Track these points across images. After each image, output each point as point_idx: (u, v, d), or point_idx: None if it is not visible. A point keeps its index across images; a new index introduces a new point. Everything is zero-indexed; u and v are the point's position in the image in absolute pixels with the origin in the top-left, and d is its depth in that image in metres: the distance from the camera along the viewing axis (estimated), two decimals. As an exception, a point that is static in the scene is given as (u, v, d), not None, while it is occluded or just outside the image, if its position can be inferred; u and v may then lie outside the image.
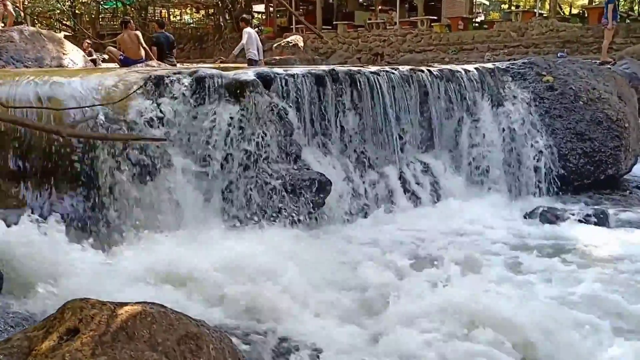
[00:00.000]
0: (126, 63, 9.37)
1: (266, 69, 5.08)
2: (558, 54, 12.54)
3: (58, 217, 3.65)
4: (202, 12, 30.37)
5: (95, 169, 3.88)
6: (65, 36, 13.79)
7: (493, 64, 6.58)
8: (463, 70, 6.08)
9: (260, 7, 27.59)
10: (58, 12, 26.88)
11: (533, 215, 5.03)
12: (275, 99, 4.71)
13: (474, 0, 22.97)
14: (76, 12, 27.62)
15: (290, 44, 16.37)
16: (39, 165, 3.79)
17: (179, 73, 4.64)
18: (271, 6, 24.94)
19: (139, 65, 8.88)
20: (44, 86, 4.01)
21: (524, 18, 17.38)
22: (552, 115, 5.91)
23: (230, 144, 4.40)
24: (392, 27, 19.92)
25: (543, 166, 5.70)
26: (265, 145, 4.49)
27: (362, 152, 5.25)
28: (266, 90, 4.70)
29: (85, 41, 14.93)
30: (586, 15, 17.06)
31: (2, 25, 10.33)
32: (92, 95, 4.05)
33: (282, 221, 4.28)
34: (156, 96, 4.36)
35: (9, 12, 11.56)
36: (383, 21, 20.55)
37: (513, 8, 23.65)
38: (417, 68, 5.84)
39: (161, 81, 4.44)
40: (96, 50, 15.24)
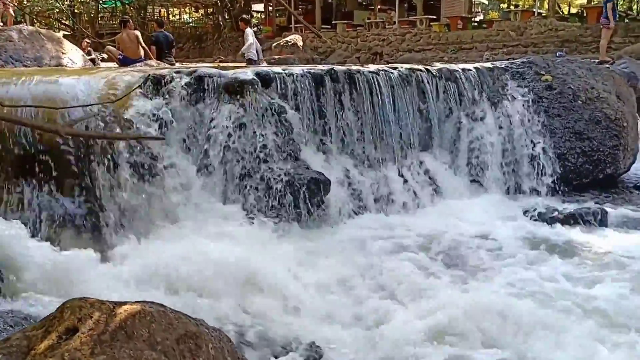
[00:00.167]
0: (125, 62, 9.37)
1: (265, 69, 5.08)
2: (557, 53, 12.55)
3: (56, 217, 3.65)
4: (201, 12, 30.37)
5: (92, 168, 3.88)
6: (64, 35, 13.76)
7: (492, 64, 6.59)
8: (462, 69, 6.08)
9: (259, 7, 27.59)
10: (57, 12, 26.84)
11: (532, 214, 5.03)
12: (274, 99, 4.71)
13: (473, -1, 22.99)
14: (75, 12, 27.59)
15: (289, 44, 16.37)
16: (37, 164, 3.78)
17: (178, 72, 4.64)
18: (270, 5, 24.94)
19: (138, 64, 8.88)
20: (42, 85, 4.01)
21: (523, 17, 17.39)
22: (551, 114, 5.92)
23: (229, 144, 4.40)
24: (391, 27, 19.92)
25: (542, 165, 5.71)
26: (264, 144, 4.49)
27: (361, 152, 5.25)
28: (265, 89, 4.70)
29: (84, 40, 14.91)
30: (585, 14, 17.06)
31: (1, 24, 10.32)
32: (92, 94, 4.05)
33: (282, 220, 4.27)
34: (155, 95, 4.36)
35: (9, 13, 11.57)
36: (382, 20, 20.55)
37: (512, 7, 23.64)
38: (416, 67, 5.84)
39: (160, 80, 4.44)
40: (95, 49, 15.23)
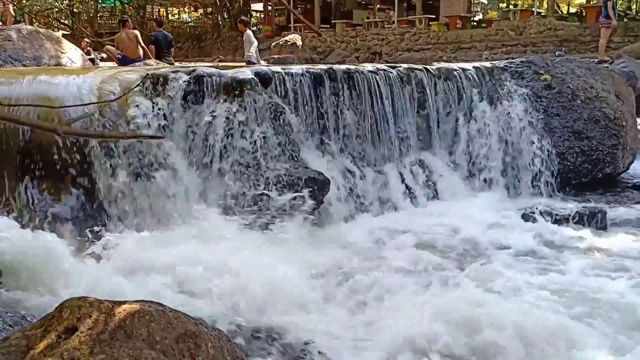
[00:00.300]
0: (124, 62, 9.36)
1: (264, 68, 5.08)
2: (556, 53, 12.55)
3: (55, 216, 3.65)
4: (201, 11, 30.35)
5: (91, 167, 3.88)
6: (63, 35, 13.71)
7: (491, 63, 6.59)
8: (461, 69, 6.09)
9: (258, 6, 27.55)
10: (56, 11, 26.82)
11: (530, 213, 5.03)
12: (273, 98, 4.71)
13: (472, -2, 22.97)
14: (74, 11, 27.56)
15: (288, 43, 16.34)
16: (38, 164, 3.78)
17: (178, 72, 4.63)
18: (269, 5, 24.93)
19: (137, 64, 8.87)
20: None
21: (522, 17, 17.40)
22: (550, 113, 5.92)
23: (228, 143, 4.40)
24: (390, 26, 19.92)
25: (541, 165, 5.71)
26: (263, 144, 4.49)
27: (361, 151, 5.25)
28: (264, 89, 4.70)
29: (83, 40, 14.89)
30: (584, 14, 17.08)
31: (0, 24, 10.31)
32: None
33: (281, 220, 4.27)
34: (154, 94, 4.36)
35: (9, 13, 11.55)
36: (381, 20, 20.56)
37: (511, 7, 23.62)
38: (415, 67, 5.84)
39: (159, 80, 4.44)
40: (95, 49, 15.21)
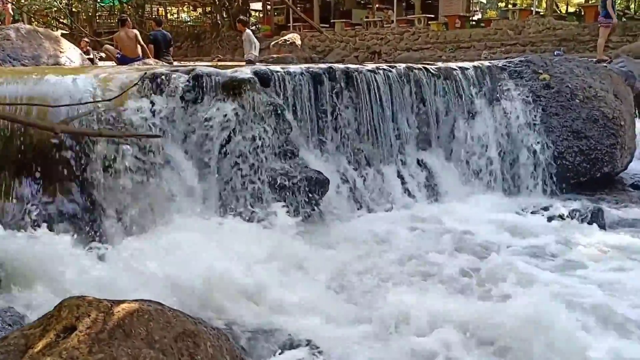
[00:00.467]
0: (123, 61, 9.35)
1: (263, 67, 5.08)
2: (555, 52, 12.55)
3: (53, 215, 3.65)
4: (200, 10, 30.35)
5: (89, 165, 3.87)
6: (62, 34, 13.70)
7: (490, 62, 6.59)
8: (460, 68, 6.09)
9: (257, 5, 27.54)
10: (55, 10, 26.80)
11: (529, 213, 5.04)
12: (272, 97, 4.71)
13: (471, -2, 22.97)
14: (73, 10, 27.57)
15: (287, 42, 16.35)
16: (36, 162, 3.77)
17: (176, 71, 4.63)
18: (268, 4, 24.92)
19: (136, 63, 8.86)
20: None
21: (521, 16, 17.43)
22: (549, 113, 5.93)
23: (227, 142, 4.39)
24: (390, 26, 19.93)
25: (539, 164, 5.72)
26: (262, 143, 4.49)
27: (360, 150, 5.25)
28: (263, 88, 4.70)
29: (82, 40, 14.88)
30: (582, 13, 17.10)
31: (-1, 23, 10.31)
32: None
33: (280, 219, 4.27)
34: (153, 94, 4.35)
35: (7, 12, 11.54)
36: (380, 19, 20.56)
37: (510, 6, 23.68)
38: (414, 66, 5.84)
39: (158, 79, 4.43)
40: (93, 48, 15.20)
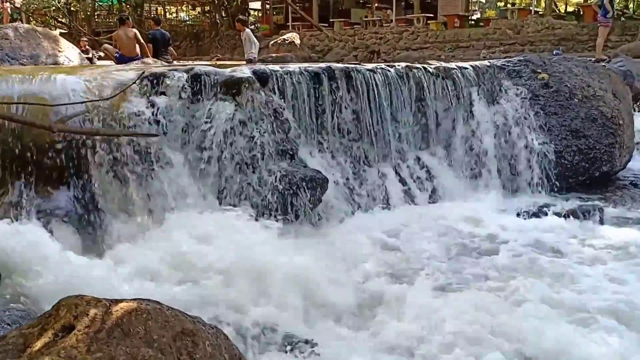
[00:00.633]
0: (122, 60, 9.34)
1: (262, 66, 5.07)
2: (553, 52, 12.56)
3: (50, 214, 3.64)
4: (198, 9, 30.34)
5: (87, 165, 3.87)
6: (60, 33, 13.70)
7: (489, 62, 6.59)
8: (459, 67, 6.08)
9: (256, 4, 27.54)
10: (53, 9, 26.75)
11: (528, 212, 5.04)
12: (271, 96, 4.71)
13: (470, -3, 22.98)
14: (71, 9, 27.51)
15: (286, 42, 16.36)
16: (32, 161, 3.77)
17: (175, 70, 4.62)
18: (267, 3, 24.91)
19: (135, 62, 8.85)
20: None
21: (520, 16, 17.44)
22: (548, 112, 5.93)
23: (226, 142, 4.39)
24: (389, 25, 19.94)
25: (538, 163, 5.72)
26: (261, 142, 4.48)
27: (359, 150, 5.25)
28: (262, 87, 4.70)
29: (81, 39, 14.87)
30: (581, 13, 17.12)
31: (-2, 22, 10.30)
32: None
33: (279, 219, 4.27)
34: (151, 93, 4.35)
35: (5, 11, 11.55)
36: (379, 18, 20.57)
37: (509, 6, 23.68)
38: (413, 65, 5.84)
39: (156, 78, 4.43)
40: (92, 47, 15.19)
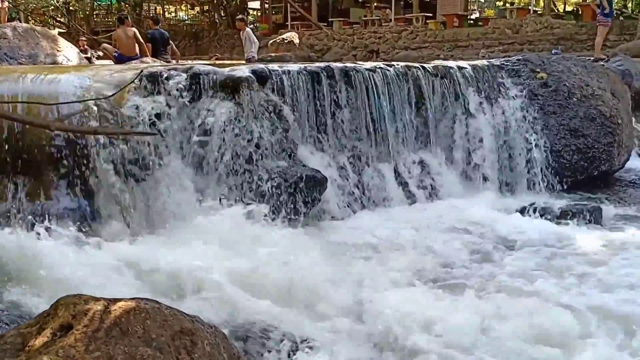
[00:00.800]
0: (120, 60, 9.33)
1: (261, 66, 5.07)
2: (552, 51, 12.57)
3: (50, 215, 3.64)
4: (197, 9, 30.30)
5: (85, 164, 3.86)
6: (59, 33, 13.69)
7: (488, 61, 6.60)
8: (458, 67, 6.08)
9: (255, 4, 27.53)
10: (52, 9, 26.70)
11: (526, 211, 5.04)
12: (270, 96, 4.70)
13: (469, -3, 23.01)
14: (70, 9, 27.47)
15: (285, 41, 16.37)
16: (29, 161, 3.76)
17: (174, 69, 4.62)
18: (266, 3, 24.89)
19: (134, 62, 8.85)
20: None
21: (519, 15, 17.45)
22: (546, 111, 5.93)
23: (224, 141, 4.38)
24: (388, 24, 19.93)
25: (537, 162, 5.72)
26: (260, 142, 4.48)
27: (358, 149, 5.25)
28: (261, 86, 4.69)
29: (80, 39, 14.86)
30: (580, 12, 17.13)
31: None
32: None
33: (278, 218, 4.27)
34: (150, 92, 4.34)
35: (4, 10, 11.55)
36: (378, 18, 20.56)
37: (508, 5, 23.70)
38: (412, 65, 5.84)
39: (155, 77, 4.42)
40: (91, 47, 15.18)
